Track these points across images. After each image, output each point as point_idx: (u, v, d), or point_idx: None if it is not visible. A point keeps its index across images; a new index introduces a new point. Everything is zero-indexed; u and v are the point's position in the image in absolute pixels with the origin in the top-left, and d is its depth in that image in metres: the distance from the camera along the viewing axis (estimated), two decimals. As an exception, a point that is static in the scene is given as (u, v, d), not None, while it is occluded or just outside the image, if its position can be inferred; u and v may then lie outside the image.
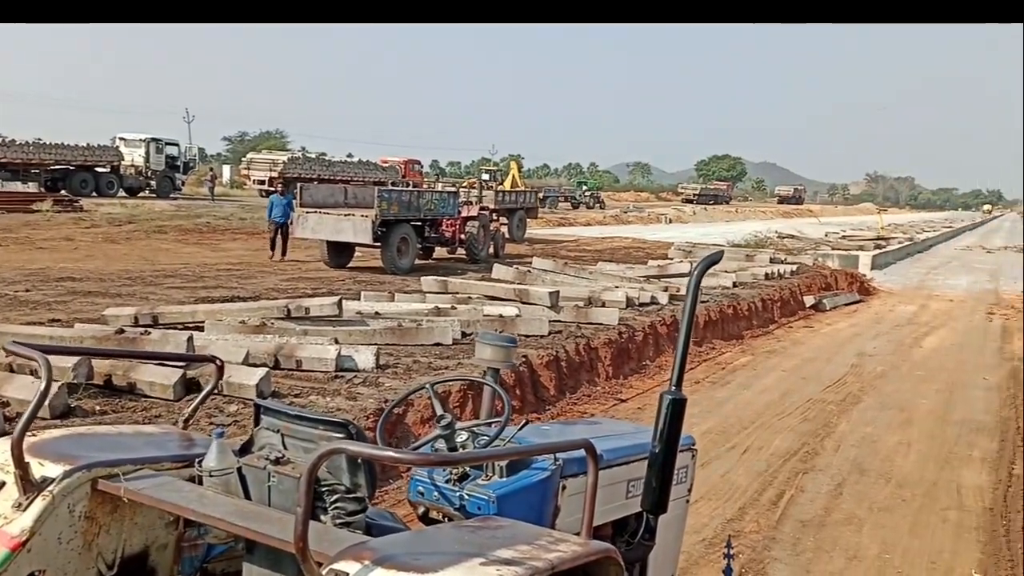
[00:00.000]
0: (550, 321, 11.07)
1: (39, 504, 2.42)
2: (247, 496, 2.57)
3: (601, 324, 11.66)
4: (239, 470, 2.58)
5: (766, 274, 19.36)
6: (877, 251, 30.86)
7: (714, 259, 3.16)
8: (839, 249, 30.17)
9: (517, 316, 11.04)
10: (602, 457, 3.27)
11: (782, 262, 22.57)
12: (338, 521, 2.42)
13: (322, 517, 2.43)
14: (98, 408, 6.75)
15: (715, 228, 43.44)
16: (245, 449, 2.67)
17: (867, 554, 6.07)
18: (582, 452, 2.57)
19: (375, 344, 9.22)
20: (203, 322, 9.61)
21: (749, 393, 10.83)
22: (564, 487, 3.01)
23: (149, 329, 8.98)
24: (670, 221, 50.37)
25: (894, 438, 9.08)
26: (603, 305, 12.70)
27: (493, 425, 3.13)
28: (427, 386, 3.25)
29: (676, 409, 2.92)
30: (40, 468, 2.50)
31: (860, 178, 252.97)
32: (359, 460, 2.47)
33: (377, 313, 10.84)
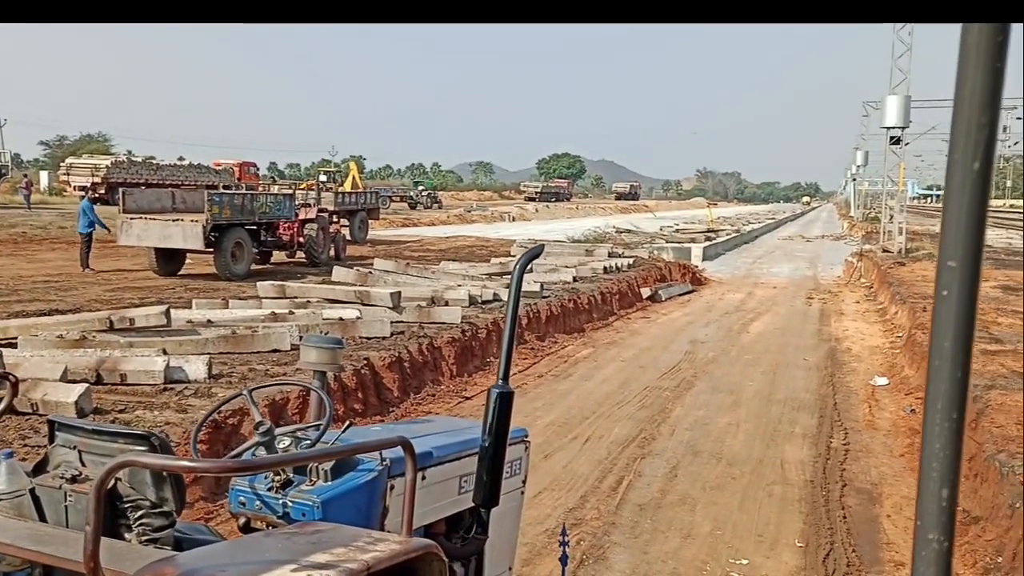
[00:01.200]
0: (392, 322, 10.97)
1: None
2: (42, 519, 2.38)
3: (444, 323, 11.67)
4: (32, 491, 2.38)
5: (605, 268, 19.96)
6: (707, 243, 32.46)
7: (535, 252, 3.20)
8: (673, 242, 31.54)
9: (358, 319, 10.88)
10: (431, 454, 3.26)
11: (620, 256, 23.35)
12: (144, 538, 2.28)
13: (127, 535, 2.28)
14: None
15: (557, 224, 44.45)
16: (39, 468, 2.47)
17: (700, 531, 6.35)
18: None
19: (207, 353, 8.84)
20: (16, 338, 8.92)
21: (590, 384, 11.11)
22: (392, 487, 2.97)
23: (-50, 348, 8.22)
24: (513, 219, 51.13)
25: (724, 419, 9.56)
26: (446, 304, 12.71)
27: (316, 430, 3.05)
28: (244, 392, 3.13)
29: (504, 402, 2.93)
30: None
31: (691, 174, 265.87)
32: (164, 473, 2.33)
33: (209, 321, 10.41)
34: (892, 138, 26.88)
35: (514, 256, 22.11)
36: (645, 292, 19.67)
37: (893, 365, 12.37)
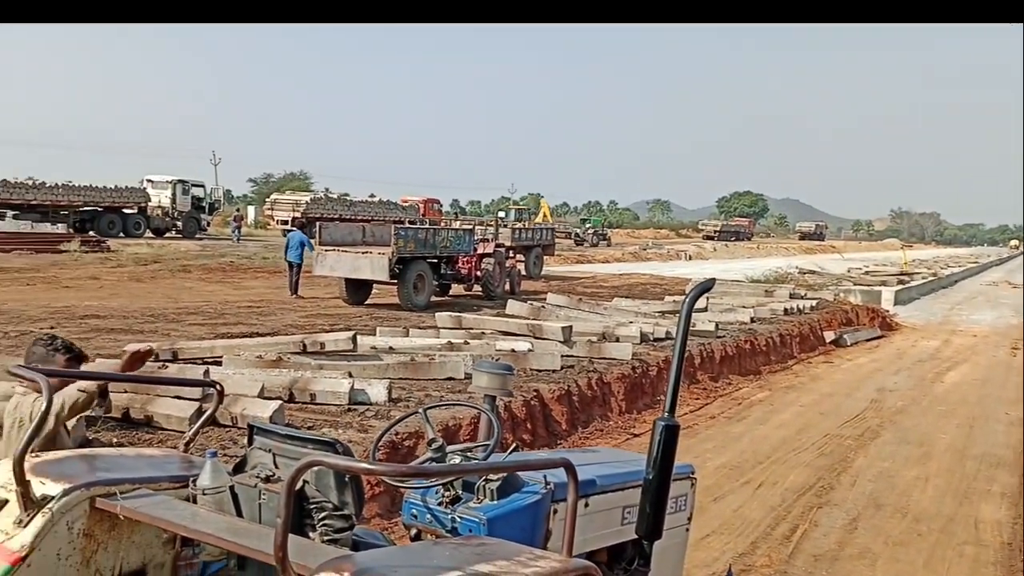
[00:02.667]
0: (563, 356, 11.10)
1: (39, 521, 2.50)
2: (239, 514, 2.63)
3: (614, 359, 11.66)
4: (232, 488, 2.64)
5: (785, 309, 19.28)
6: (900, 286, 30.61)
7: (705, 287, 3.20)
8: (861, 284, 29.99)
9: (529, 351, 11.09)
10: (594, 482, 3.32)
11: (802, 297, 22.47)
12: (326, 538, 2.47)
13: (310, 534, 2.49)
14: (115, 440, 6.84)
15: (735, 264, 43.33)
16: (238, 468, 2.74)
17: (880, 588, 6.00)
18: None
19: (388, 378, 9.28)
20: (221, 357, 9.74)
21: (765, 428, 10.76)
22: (555, 511, 3.04)
23: (167, 364, 9.11)
24: (690, 257, 50.32)
25: (912, 472, 8.98)
26: (617, 340, 12.70)
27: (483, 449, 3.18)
28: (420, 411, 3.31)
29: (669, 435, 2.94)
30: (41, 487, 2.57)
31: (885, 214, 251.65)
32: (346, 478, 2.52)
33: (391, 348, 10.93)
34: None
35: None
36: (829, 336, 18.81)
37: (1112, 425, 11.18)
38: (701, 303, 17.98)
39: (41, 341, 3.71)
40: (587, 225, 64.41)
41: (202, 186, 42.79)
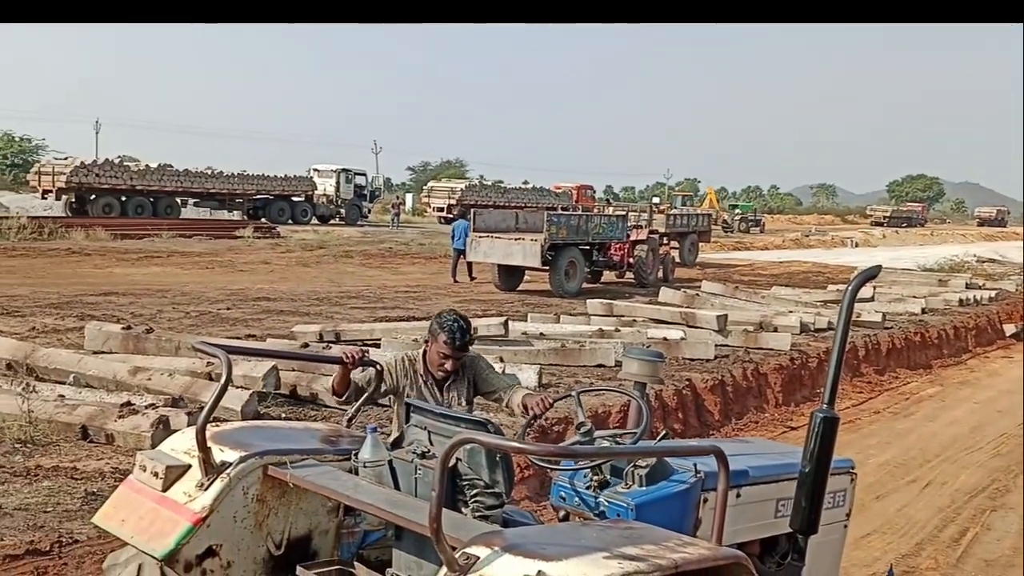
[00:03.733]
0: (717, 345, 10.87)
1: (218, 485, 2.72)
2: (396, 487, 2.76)
3: (772, 349, 11.31)
4: (390, 463, 2.78)
5: (960, 300, 18.07)
6: (1094, 277, 27.95)
7: (871, 273, 3.08)
8: (1048, 275, 27.64)
9: (682, 339, 10.92)
10: (747, 473, 3.26)
11: (980, 288, 20.98)
12: (477, 514, 2.57)
13: (463, 510, 2.59)
14: (283, 415, 7.29)
15: (906, 252, 40.90)
16: (396, 444, 2.88)
17: (1061, 601, 5.57)
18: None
19: (538, 364, 9.39)
20: (380, 339, 10.16)
21: (935, 425, 10.16)
22: (705, 500, 3.02)
23: (330, 344, 9.59)
24: (856, 245, 47.91)
25: (1101, 479, 8.24)
26: (775, 330, 12.31)
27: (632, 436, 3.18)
28: (573, 393, 3.35)
29: (828, 427, 2.86)
30: (220, 454, 2.80)
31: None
32: (497, 457, 2.60)
33: (542, 334, 11.05)
34: None
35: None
36: (1009, 329, 17.48)
37: None
38: (866, 292, 17.12)
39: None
40: (737, 211, 60.96)
41: (364, 174, 44.50)
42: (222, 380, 2.81)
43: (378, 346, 9.82)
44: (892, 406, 11.10)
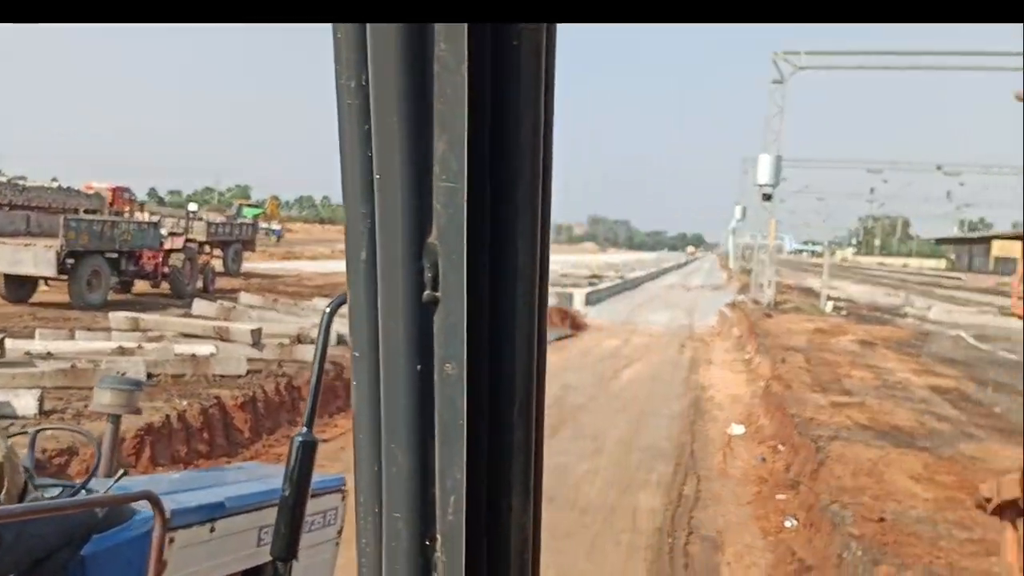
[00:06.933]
0: (250, 359, 10.56)
1: None
2: None
3: (307, 362, 11.31)
4: None
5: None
6: (591, 288, 32.96)
7: (344, 299, 3.07)
8: (556, 286, 31.88)
9: (212, 355, 10.42)
10: (222, 505, 3.06)
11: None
12: None
13: None
14: None
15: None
16: None
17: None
18: (196, 501, 2.59)
19: (42, 387, 8.26)
20: None
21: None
22: (172, 540, 2.76)
23: None
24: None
25: (584, 466, 9.55)
26: (312, 342, 12.35)
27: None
28: (28, 431, 2.89)
29: (306, 451, 2.77)
30: None
31: (584, 219, 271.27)
32: None
33: (49, 353, 9.77)
34: (764, 195, 28.07)
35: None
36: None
37: (751, 414, 12.71)
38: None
39: None
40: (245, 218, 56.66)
41: None
42: None
43: None
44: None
